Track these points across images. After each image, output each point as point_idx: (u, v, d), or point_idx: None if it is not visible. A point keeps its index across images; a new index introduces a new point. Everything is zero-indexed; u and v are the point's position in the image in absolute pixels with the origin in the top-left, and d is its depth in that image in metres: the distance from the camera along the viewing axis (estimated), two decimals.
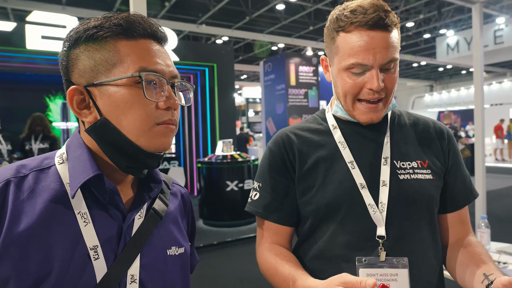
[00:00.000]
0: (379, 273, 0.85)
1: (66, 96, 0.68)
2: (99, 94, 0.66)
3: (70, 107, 0.67)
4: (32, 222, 0.61)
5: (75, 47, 0.67)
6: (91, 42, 0.65)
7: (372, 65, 0.86)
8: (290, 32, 15.07)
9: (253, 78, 24.57)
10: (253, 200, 1.01)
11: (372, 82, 0.86)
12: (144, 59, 0.66)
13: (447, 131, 1.03)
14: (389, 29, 0.86)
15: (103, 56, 0.65)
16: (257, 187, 1.02)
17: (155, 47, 0.69)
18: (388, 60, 0.86)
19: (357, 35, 0.86)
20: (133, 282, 0.66)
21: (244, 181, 5.44)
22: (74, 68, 0.67)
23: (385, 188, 0.91)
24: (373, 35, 0.85)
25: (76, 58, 0.66)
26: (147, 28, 0.68)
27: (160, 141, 0.68)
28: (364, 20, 0.85)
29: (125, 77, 0.64)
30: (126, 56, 0.65)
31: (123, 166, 0.68)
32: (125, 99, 0.65)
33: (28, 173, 0.65)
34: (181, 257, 0.77)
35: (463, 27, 15.12)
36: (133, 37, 0.67)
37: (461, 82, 26.29)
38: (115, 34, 0.66)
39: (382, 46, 0.85)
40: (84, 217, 0.64)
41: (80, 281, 0.61)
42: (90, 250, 0.63)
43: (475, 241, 0.96)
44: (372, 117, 0.91)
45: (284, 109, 9.56)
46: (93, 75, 0.66)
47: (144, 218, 0.72)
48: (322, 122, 1.03)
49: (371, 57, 0.85)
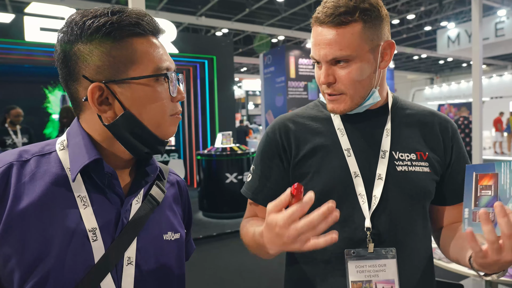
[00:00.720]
0: (367, 264, 0.87)
1: (79, 92, 0.69)
2: (121, 90, 0.68)
3: (91, 102, 0.68)
4: (33, 203, 0.63)
5: (86, 42, 0.67)
6: (107, 39, 0.67)
7: (319, 60, 0.90)
8: (290, 24, 14.99)
9: (253, 70, 24.50)
10: (246, 182, 1.06)
11: (320, 76, 0.91)
12: (158, 58, 0.71)
13: (451, 125, 1.02)
14: (341, 25, 0.86)
15: (122, 54, 0.68)
16: (251, 170, 1.06)
17: (159, 43, 0.74)
18: (332, 57, 0.87)
19: (314, 29, 0.91)
20: (129, 264, 0.69)
21: (243, 173, 5.46)
22: (89, 63, 0.67)
23: (380, 181, 0.91)
24: (320, 31, 0.88)
25: (90, 53, 0.67)
26: (154, 25, 0.73)
27: (171, 130, 0.75)
28: (319, 15, 0.88)
29: (152, 75, 0.69)
30: (143, 54, 0.69)
31: (143, 152, 0.73)
32: (148, 95, 0.69)
33: (30, 158, 0.68)
34: (176, 242, 0.80)
35: (464, 19, 15.04)
36: (145, 35, 0.71)
37: (462, 75, 26.22)
38: (131, 32, 0.69)
39: (325, 43, 0.87)
40: (84, 200, 0.67)
41: (78, 261, 0.64)
42: (89, 232, 0.66)
43: None
44: (334, 107, 0.93)
45: (283, 102, 9.56)
46: (113, 72, 0.68)
47: (141, 203, 0.74)
48: (323, 109, 1.03)
49: (317, 52, 0.89)
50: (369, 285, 0.86)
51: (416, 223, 0.94)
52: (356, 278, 0.86)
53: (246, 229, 0.95)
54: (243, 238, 0.98)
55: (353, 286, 0.86)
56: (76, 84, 0.69)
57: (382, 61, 0.92)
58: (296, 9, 13.16)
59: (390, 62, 0.94)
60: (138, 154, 0.73)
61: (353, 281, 0.86)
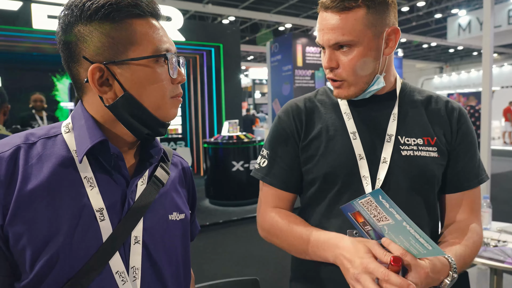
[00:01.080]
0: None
1: (80, 73, 0.70)
2: (120, 71, 0.69)
3: (91, 83, 0.69)
4: (41, 184, 0.65)
5: (86, 24, 0.67)
6: (106, 20, 0.67)
7: (323, 45, 0.92)
8: (298, 12, 14.81)
9: (259, 59, 24.33)
10: (261, 167, 1.04)
11: (323, 60, 0.93)
12: (157, 39, 0.71)
13: (459, 109, 1.01)
14: (344, 11, 0.86)
15: (121, 35, 0.68)
16: (265, 155, 1.05)
17: (158, 25, 0.73)
18: (334, 41, 0.88)
19: (319, 15, 0.93)
20: (136, 243, 0.71)
21: (250, 161, 5.49)
22: (89, 45, 0.68)
23: (385, 165, 0.92)
24: (325, 16, 0.90)
25: (90, 34, 0.67)
26: (153, 7, 0.72)
27: (172, 112, 0.75)
28: (323, 1, 0.90)
29: (152, 56, 0.69)
30: (142, 35, 0.69)
31: (143, 134, 0.73)
32: (147, 76, 0.69)
33: (36, 141, 0.70)
34: (181, 222, 0.82)
35: (476, 6, 14.71)
36: (144, 17, 0.71)
37: (472, 64, 25.78)
38: (130, 13, 0.69)
39: (329, 28, 0.88)
40: (90, 181, 0.69)
41: (87, 240, 0.66)
42: (96, 212, 0.67)
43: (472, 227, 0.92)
44: (338, 92, 0.95)
45: (290, 90, 9.51)
46: (112, 53, 0.68)
47: (146, 185, 0.76)
48: (331, 94, 1.05)
49: (321, 37, 0.91)
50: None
51: (420, 208, 0.95)
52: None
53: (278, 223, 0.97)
54: (271, 228, 1.00)
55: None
56: (78, 66, 0.70)
57: (386, 48, 0.92)
58: None
59: (394, 49, 0.94)
60: (139, 136, 0.74)
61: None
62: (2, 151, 0.66)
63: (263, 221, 1.03)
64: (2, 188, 0.63)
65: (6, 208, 0.63)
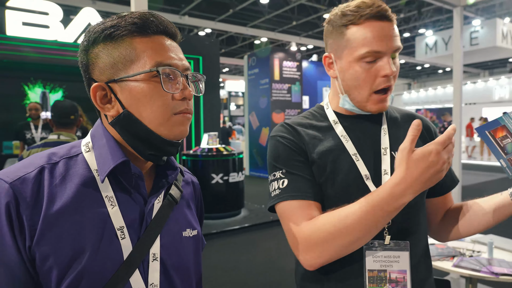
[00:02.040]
0: (383, 255, 0.94)
1: (90, 93, 0.72)
2: (120, 89, 0.70)
3: (94, 102, 0.72)
4: (65, 205, 0.66)
5: (94, 47, 0.71)
6: (109, 41, 0.70)
7: (385, 52, 0.93)
8: (274, 26, 15.11)
9: (235, 71, 24.51)
10: (283, 188, 0.95)
11: (386, 68, 0.93)
12: (159, 54, 0.71)
13: (431, 125, 1.13)
14: (393, 21, 0.96)
15: (121, 53, 0.70)
16: (282, 175, 0.97)
17: (167, 42, 0.74)
18: (397, 47, 0.95)
19: (368, 26, 0.93)
20: (154, 260, 0.72)
21: (229, 174, 5.48)
22: (95, 66, 0.71)
23: (387, 176, 0.97)
24: (383, 25, 0.94)
25: (96, 56, 0.71)
26: (159, 25, 0.73)
27: (178, 130, 0.73)
28: (372, 12, 0.93)
29: (143, 72, 0.69)
30: (142, 52, 0.70)
31: (146, 154, 0.73)
32: (144, 92, 0.69)
33: (59, 160, 0.70)
34: (194, 238, 0.83)
35: (441, 27, 15.56)
36: (147, 34, 0.71)
37: (438, 81, 27.08)
38: (131, 32, 0.70)
39: (391, 35, 0.94)
40: (111, 200, 0.70)
41: (109, 258, 0.66)
42: (117, 230, 0.68)
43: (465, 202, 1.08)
44: (384, 106, 0.99)
45: (267, 104, 9.63)
46: (113, 71, 0.70)
47: (162, 202, 0.77)
48: (321, 118, 1.07)
49: (384, 44, 0.93)
50: (384, 274, 0.93)
51: (420, 214, 1.02)
52: (372, 267, 0.93)
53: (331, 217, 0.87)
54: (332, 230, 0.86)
55: (369, 274, 0.93)
56: (90, 87, 0.73)
57: None
58: (280, 12, 13.28)
59: None
60: (142, 155, 0.73)
61: (369, 269, 0.93)
62: (27, 172, 0.66)
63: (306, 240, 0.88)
64: (28, 209, 0.63)
65: (34, 228, 0.63)
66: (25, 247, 0.63)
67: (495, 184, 8.55)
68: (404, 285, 0.92)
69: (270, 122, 9.56)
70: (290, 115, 9.82)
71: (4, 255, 0.62)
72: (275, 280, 3.56)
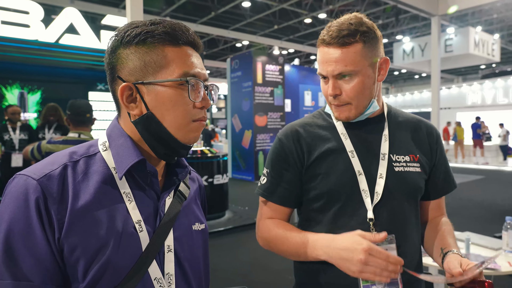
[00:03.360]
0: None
1: (117, 91, 0.77)
2: (147, 91, 0.75)
3: (120, 100, 0.76)
4: (89, 200, 0.70)
5: (125, 48, 0.75)
6: (142, 45, 0.75)
7: (327, 75, 1.04)
8: (255, 30, 15.21)
9: (216, 74, 24.47)
10: (261, 184, 1.16)
11: (328, 89, 1.05)
12: (187, 64, 0.76)
13: (436, 131, 1.19)
14: (346, 44, 1.00)
15: (152, 58, 0.74)
16: (266, 173, 1.15)
17: (193, 54, 0.80)
18: (339, 72, 1.01)
19: (320, 50, 1.05)
20: (169, 251, 0.77)
21: (214, 176, 5.50)
22: (124, 66, 0.75)
23: (382, 180, 1.05)
24: (327, 50, 1.02)
25: (127, 57, 0.75)
26: (189, 36, 0.79)
27: (193, 135, 0.79)
28: (324, 38, 1.03)
29: (173, 80, 0.75)
30: (172, 60, 0.75)
31: (161, 153, 0.79)
32: (170, 98, 0.75)
33: (79, 159, 0.75)
34: (202, 232, 0.89)
35: (417, 34, 16.06)
36: (177, 44, 0.77)
37: (414, 86, 27.87)
38: (164, 40, 0.76)
39: (332, 60, 1.01)
40: (128, 196, 0.75)
41: (130, 250, 0.71)
42: (135, 224, 0.73)
43: (444, 221, 1.14)
44: (340, 115, 1.08)
45: (250, 106, 9.69)
46: (142, 74, 0.75)
47: (172, 198, 0.83)
48: (326, 117, 1.16)
49: (325, 69, 1.03)
50: None
51: (411, 215, 1.09)
52: None
53: (276, 232, 1.08)
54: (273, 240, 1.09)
55: None
56: (115, 85, 0.77)
57: (379, 75, 1.07)
58: (261, 15, 13.40)
59: (385, 76, 1.09)
60: (157, 154, 0.79)
61: None
62: (52, 169, 0.70)
63: (262, 231, 1.13)
64: (55, 203, 0.67)
65: (61, 222, 0.67)
66: (54, 239, 0.66)
67: (468, 186, 8.90)
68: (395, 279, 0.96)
69: (252, 125, 9.63)
70: (272, 118, 9.92)
71: (35, 247, 0.65)
72: (260, 280, 3.61)
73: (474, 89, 20.57)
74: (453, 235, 1.09)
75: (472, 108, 20.12)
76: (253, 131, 9.62)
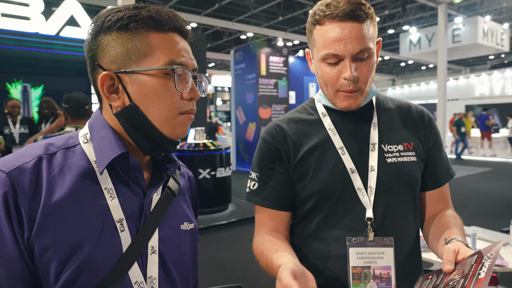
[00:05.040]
0: (367, 251, 0.93)
1: (97, 80, 0.71)
2: (130, 81, 0.69)
3: (100, 90, 0.70)
4: (64, 196, 0.64)
5: (106, 34, 0.69)
6: (124, 31, 0.69)
7: (344, 55, 0.90)
8: (260, 21, 15.06)
9: (221, 66, 24.38)
10: (252, 190, 1.05)
11: (346, 71, 0.91)
12: (173, 52, 0.71)
13: (427, 114, 1.09)
14: (360, 20, 0.90)
15: (135, 45, 0.69)
16: (255, 177, 1.05)
17: (181, 41, 0.74)
18: (360, 49, 0.90)
19: (329, 27, 0.91)
20: (153, 253, 0.71)
21: (217, 169, 5.46)
22: (105, 53, 0.69)
23: (373, 173, 0.96)
24: (344, 26, 0.90)
25: (108, 44, 0.69)
26: (175, 22, 0.73)
27: (180, 130, 0.74)
28: (335, 12, 0.90)
29: (158, 68, 0.69)
30: (156, 48, 0.69)
31: (146, 148, 0.73)
32: (155, 88, 0.69)
33: (56, 151, 0.69)
34: (191, 232, 0.83)
35: (424, 24, 15.80)
36: (163, 30, 0.71)
37: (421, 78, 27.54)
38: (148, 26, 0.70)
39: (352, 36, 0.89)
40: (110, 192, 0.69)
41: (109, 251, 0.66)
42: (116, 223, 0.68)
43: (450, 213, 1.02)
44: (350, 103, 0.96)
45: (254, 99, 9.62)
46: (124, 62, 0.69)
47: (160, 195, 0.77)
48: (312, 111, 1.07)
49: (342, 47, 0.90)
50: (368, 271, 0.92)
51: (408, 209, 1.01)
52: (356, 264, 0.93)
53: (261, 249, 0.97)
54: (256, 255, 1.00)
55: (353, 271, 0.92)
56: (95, 73, 0.71)
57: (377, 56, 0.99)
58: (266, 7, 13.24)
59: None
60: (142, 149, 0.73)
61: (353, 266, 0.93)
62: (25, 161, 0.65)
63: (253, 244, 1.04)
64: (27, 199, 0.62)
65: (32, 219, 0.61)
66: (23, 239, 0.61)
67: (475, 178, 8.78)
68: (388, 281, 0.91)
69: (256, 117, 9.56)
70: (276, 110, 9.83)
71: (2, 248, 0.60)
72: (263, 275, 3.57)
73: (482, 80, 20.25)
74: (461, 226, 0.96)
75: (480, 99, 19.85)
76: (257, 123, 9.56)
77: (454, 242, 0.84)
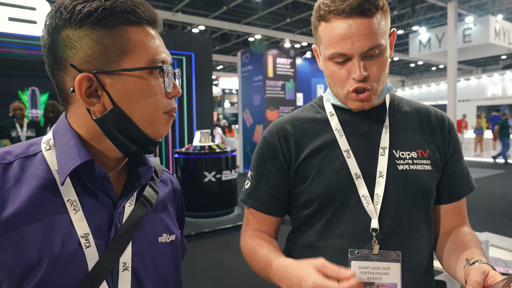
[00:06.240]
0: (371, 266, 0.84)
1: (66, 82, 0.64)
2: (111, 82, 0.63)
3: (78, 94, 0.63)
4: (18, 211, 0.58)
5: (76, 29, 0.62)
6: (98, 26, 0.62)
7: (352, 54, 0.84)
8: (267, 23, 15.02)
9: (229, 68, 24.39)
10: (245, 189, 1.02)
11: (354, 71, 0.85)
12: (153, 48, 0.66)
13: (448, 120, 1.00)
14: (370, 14, 0.82)
15: (114, 42, 0.62)
16: (249, 176, 1.01)
17: (155, 34, 0.68)
18: (369, 47, 0.83)
19: (335, 23, 0.84)
20: (125, 270, 0.65)
21: (222, 172, 5.41)
22: (77, 51, 0.62)
23: (382, 179, 0.89)
24: (351, 22, 0.82)
25: (79, 40, 0.62)
26: (151, 14, 0.67)
27: (163, 129, 0.70)
28: (341, 7, 0.82)
29: (147, 67, 0.64)
30: (137, 44, 0.64)
31: (131, 152, 0.68)
32: (141, 88, 0.64)
33: (13, 160, 0.63)
34: (172, 244, 0.76)
35: (434, 24, 15.58)
36: (140, 24, 0.65)
37: (431, 78, 27.19)
38: (126, 20, 0.63)
39: (361, 34, 0.82)
40: (74, 204, 0.63)
41: (71, 270, 0.59)
42: (81, 238, 0.61)
43: (467, 231, 0.93)
44: (363, 105, 0.90)
45: (261, 101, 9.56)
46: (103, 62, 0.62)
47: (134, 205, 0.70)
48: (320, 110, 1.00)
49: (350, 45, 0.83)
50: (371, 287, 0.83)
51: (419, 223, 0.92)
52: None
53: (253, 249, 0.94)
54: (246, 256, 0.97)
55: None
56: (63, 74, 0.64)
57: (391, 50, 0.91)
58: (273, 9, 13.20)
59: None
60: (126, 153, 0.68)
61: None
62: None
63: (241, 242, 1.01)
64: None
65: None
66: None
67: (487, 181, 8.58)
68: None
69: (264, 120, 9.49)
70: (284, 112, 9.76)
71: None
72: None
73: (494, 80, 19.91)
74: (481, 247, 0.88)
75: (492, 100, 19.50)
76: (264, 125, 9.49)
77: (480, 264, 0.76)
